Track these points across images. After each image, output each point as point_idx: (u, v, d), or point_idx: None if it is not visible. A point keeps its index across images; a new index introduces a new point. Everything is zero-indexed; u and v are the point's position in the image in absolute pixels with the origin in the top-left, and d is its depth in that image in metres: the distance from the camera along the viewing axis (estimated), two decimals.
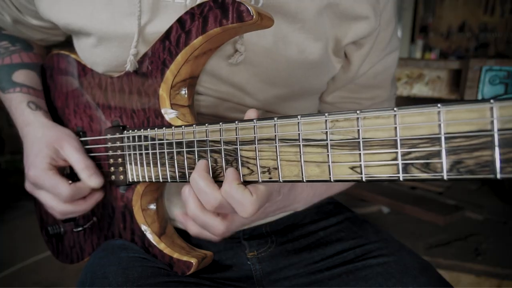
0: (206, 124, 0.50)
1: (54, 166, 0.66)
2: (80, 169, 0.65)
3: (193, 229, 0.56)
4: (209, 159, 0.50)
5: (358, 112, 0.37)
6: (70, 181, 0.64)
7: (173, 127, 0.54)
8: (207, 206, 0.49)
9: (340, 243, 0.71)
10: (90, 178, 0.65)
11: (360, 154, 0.38)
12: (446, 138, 0.33)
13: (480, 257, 1.59)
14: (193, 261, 0.60)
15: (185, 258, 0.60)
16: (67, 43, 0.86)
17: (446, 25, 4.48)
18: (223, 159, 0.48)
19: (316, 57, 0.62)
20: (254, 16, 0.46)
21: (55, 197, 0.65)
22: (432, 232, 1.82)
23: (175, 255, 0.61)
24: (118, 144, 0.63)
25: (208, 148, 0.50)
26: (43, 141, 0.67)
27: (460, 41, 4.46)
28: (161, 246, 0.63)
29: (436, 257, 1.59)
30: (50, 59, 0.77)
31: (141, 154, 0.59)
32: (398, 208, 2.13)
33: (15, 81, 0.74)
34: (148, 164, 0.58)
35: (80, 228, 0.73)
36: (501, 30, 4.26)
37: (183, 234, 0.72)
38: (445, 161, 0.33)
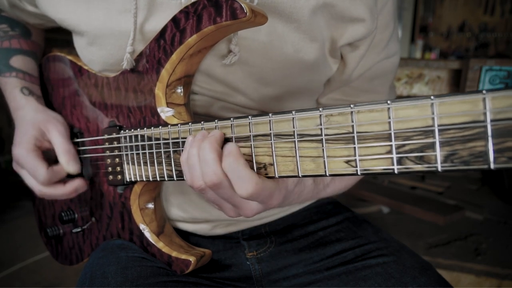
0: (202, 122, 0.50)
1: (38, 148, 0.67)
2: (60, 153, 0.67)
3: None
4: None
5: (352, 106, 0.37)
6: (48, 165, 0.65)
7: (169, 126, 0.54)
8: (206, 178, 0.46)
9: (340, 243, 0.71)
10: (67, 163, 0.66)
11: (355, 148, 0.38)
12: (439, 130, 0.33)
13: (480, 257, 1.58)
14: (192, 259, 0.60)
15: (183, 257, 0.60)
16: (67, 43, 0.86)
17: (446, 25, 4.49)
18: None
19: (312, 57, 0.61)
20: (247, 13, 0.46)
21: (34, 178, 0.66)
22: (432, 232, 1.82)
23: (174, 254, 0.61)
24: (115, 144, 0.63)
25: None
26: (31, 123, 0.69)
27: (460, 41, 4.46)
28: (160, 245, 0.63)
29: (436, 257, 1.59)
30: (46, 61, 0.77)
31: (138, 154, 0.59)
32: (398, 208, 2.12)
33: (12, 65, 0.75)
34: (145, 163, 0.58)
35: (79, 229, 0.73)
36: (501, 30, 4.26)
37: (182, 233, 0.72)
38: (439, 152, 0.33)
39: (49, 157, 0.70)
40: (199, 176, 0.47)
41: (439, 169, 0.33)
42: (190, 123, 0.51)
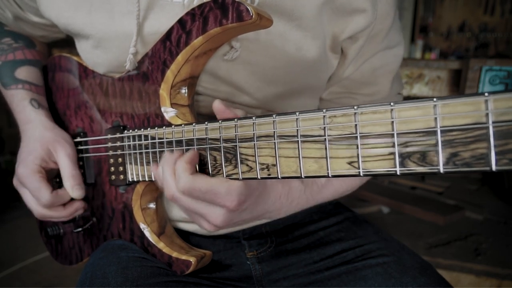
0: (206, 122, 0.50)
1: (43, 168, 0.67)
2: (66, 177, 0.67)
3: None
4: (208, 157, 0.50)
5: (355, 107, 0.38)
6: (52, 189, 0.66)
7: (173, 126, 0.54)
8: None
9: (340, 243, 0.71)
10: (72, 188, 0.66)
11: (357, 149, 0.38)
12: (442, 132, 0.33)
13: (480, 257, 1.58)
14: (192, 260, 0.60)
15: (184, 257, 0.61)
16: (67, 43, 0.86)
17: (446, 25, 4.48)
18: (223, 156, 0.48)
19: (313, 54, 0.62)
20: (253, 16, 0.46)
21: (36, 199, 0.66)
22: (432, 232, 1.82)
23: (174, 254, 0.61)
24: (118, 144, 0.64)
25: (208, 146, 0.50)
26: (39, 141, 0.68)
27: (460, 41, 4.46)
28: (160, 245, 0.63)
29: (436, 257, 1.59)
30: (52, 61, 0.78)
31: (141, 154, 0.59)
32: (398, 208, 2.12)
33: (18, 77, 0.75)
34: (148, 163, 0.58)
35: (79, 229, 0.73)
36: (501, 30, 4.26)
37: (182, 234, 0.72)
38: (441, 154, 0.33)
39: (51, 175, 0.70)
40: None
41: (441, 170, 0.33)
42: (194, 124, 0.51)
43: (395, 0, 0.66)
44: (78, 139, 0.71)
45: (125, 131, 0.62)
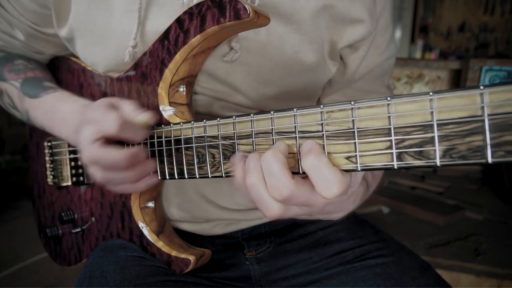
0: (204, 120, 0.50)
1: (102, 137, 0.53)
2: (125, 104, 0.55)
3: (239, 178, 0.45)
4: (207, 155, 0.50)
5: (352, 103, 0.38)
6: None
7: (171, 124, 0.54)
8: (274, 193, 0.40)
9: (339, 243, 0.71)
10: (136, 111, 0.54)
11: (355, 144, 0.38)
12: (438, 125, 0.33)
13: (480, 257, 1.58)
14: (191, 258, 0.60)
15: (183, 256, 0.61)
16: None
17: (446, 25, 4.49)
18: (221, 154, 0.48)
19: (311, 59, 0.62)
20: (250, 14, 0.46)
21: (104, 127, 0.50)
22: (432, 232, 1.81)
23: (173, 253, 0.61)
24: None
25: (206, 144, 0.50)
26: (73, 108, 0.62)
27: (460, 41, 4.47)
28: (159, 244, 0.63)
29: (436, 257, 1.58)
30: (50, 62, 0.77)
31: None
32: (398, 208, 2.12)
33: (47, 85, 0.70)
34: None
35: (78, 229, 0.73)
36: (501, 30, 4.27)
37: (182, 233, 0.72)
38: (438, 147, 0.34)
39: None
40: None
41: (438, 164, 0.34)
42: (192, 122, 0.51)
43: (392, 12, 0.68)
44: None
45: None
